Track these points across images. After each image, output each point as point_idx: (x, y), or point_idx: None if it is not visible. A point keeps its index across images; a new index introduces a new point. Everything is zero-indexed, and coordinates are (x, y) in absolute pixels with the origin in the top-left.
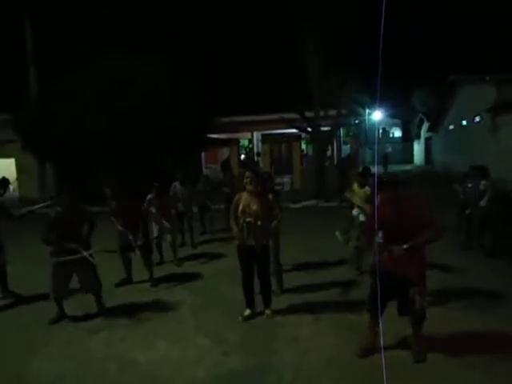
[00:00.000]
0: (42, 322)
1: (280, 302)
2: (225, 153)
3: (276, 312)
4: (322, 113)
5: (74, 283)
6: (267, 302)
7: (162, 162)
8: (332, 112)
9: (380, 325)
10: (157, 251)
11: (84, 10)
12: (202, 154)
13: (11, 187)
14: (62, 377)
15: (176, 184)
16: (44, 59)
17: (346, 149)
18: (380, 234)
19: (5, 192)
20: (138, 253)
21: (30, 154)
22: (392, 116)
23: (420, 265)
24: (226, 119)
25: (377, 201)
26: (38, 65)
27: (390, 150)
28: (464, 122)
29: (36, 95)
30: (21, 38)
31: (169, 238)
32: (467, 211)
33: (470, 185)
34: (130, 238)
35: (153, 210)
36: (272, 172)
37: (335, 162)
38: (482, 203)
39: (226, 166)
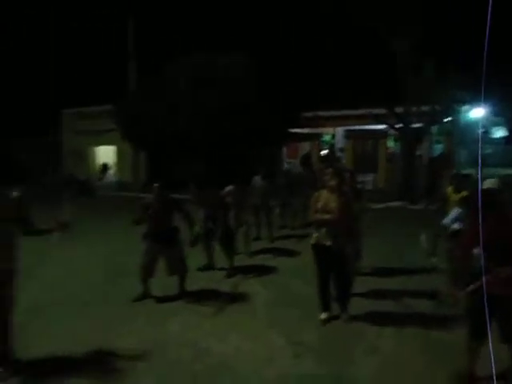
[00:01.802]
0: (128, 298)
1: (359, 308)
2: (306, 148)
3: (355, 319)
4: (413, 108)
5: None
6: (344, 306)
7: (244, 156)
8: (425, 108)
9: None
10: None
11: (177, 10)
12: (283, 149)
13: (110, 172)
14: (141, 355)
15: (257, 178)
16: (142, 55)
17: (438, 148)
18: (479, 251)
19: (105, 176)
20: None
21: (127, 142)
22: (495, 114)
23: None
24: (309, 114)
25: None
26: (137, 58)
27: (490, 150)
28: None
29: (135, 88)
30: (122, 35)
31: (244, 228)
32: None
33: None
34: (211, 225)
35: (230, 200)
36: (354, 169)
37: (425, 162)
38: None
39: (305, 161)
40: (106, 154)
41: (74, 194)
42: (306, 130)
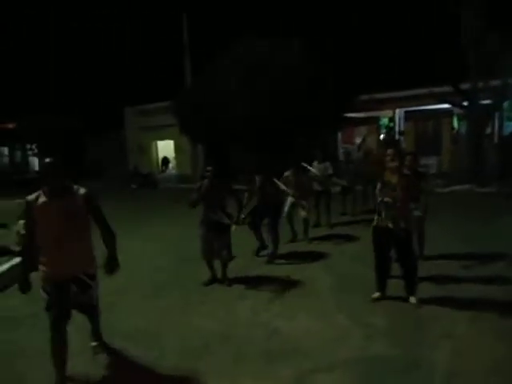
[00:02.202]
0: (199, 282)
1: (428, 292)
2: (362, 132)
3: (423, 303)
4: (480, 84)
5: None
6: (411, 289)
7: (300, 142)
8: (494, 82)
9: None
10: (289, 226)
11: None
12: (339, 134)
13: (170, 165)
14: (214, 336)
15: (314, 163)
16: (196, 48)
17: (511, 126)
18: None
19: (166, 169)
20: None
21: (185, 136)
22: None
23: None
24: (364, 97)
25: None
26: (192, 53)
27: None
28: None
29: (190, 84)
30: (176, 30)
31: (303, 213)
32: None
33: None
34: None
35: (289, 187)
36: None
37: (496, 141)
38: None
39: (363, 146)
40: (166, 148)
41: (138, 186)
42: (362, 114)
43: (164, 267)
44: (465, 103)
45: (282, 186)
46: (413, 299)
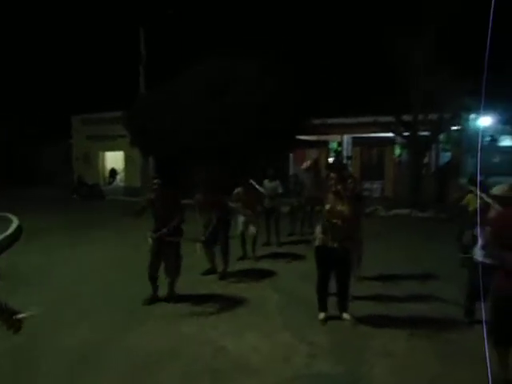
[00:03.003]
0: (141, 300)
1: (367, 311)
2: (313, 155)
3: (364, 321)
4: (420, 117)
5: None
6: (345, 307)
7: (252, 161)
8: (432, 116)
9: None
10: (240, 245)
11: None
12: (291, 155)
13: (118, 177)
14: (158, 355)
15: (265, 181)
16: (153, 60)
17: (446, 156)
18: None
19: (113, 181)
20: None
21: (136, 148)
22: (504, 122)
23: None
24: (316, 121)
25: (493, 211)
26: (148, 65)
27: (497, 159)
28: None
29: (145, 95)
30: (133, 41)
31: (252, 230)
32: None
33: None
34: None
35: (239, 204)
36: (361, 177)
37: (433, 170)
38: None
39: (313, 168)
40: (114, 159)
41: (82, 198)
42: (313, 137)
43: (107, 282)
44: (406, 133)
45: (235, 204)
46: (346, 315)
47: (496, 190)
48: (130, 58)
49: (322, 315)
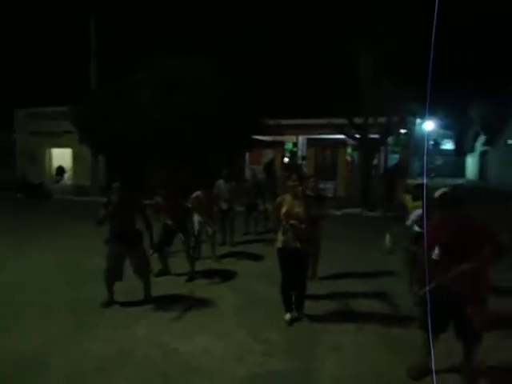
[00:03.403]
0: (93, 304)
1: (321, 308)
2: (269, 155)
3: (317, 318)
4: (371, 120)
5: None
6: (301, 305)
7: (208, 160)
8: (382, 119)
9: (433, 345)
10: (196, 246)
11: (142, 10)
12: (246, 155)
13: (66, 175)
14: (109, 359)
15: (220, 182)
16: (105, 56)
17: (394, 158)
18: (437, 251)
19: (61, 179)
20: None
21: (86, 145)
22: (445, 127)
23: (483, 285)
24: (272, 121)
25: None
26: (99, 61)
27: (440, 162)
28: None
29: (96, 90)
30: (84, 34)
31: (210, 231)
32: None
33: None
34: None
35: (197, 205)
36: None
37: (382, 171)
38: None
39: (268, 168)
40: (62, 156)
41: (26, 197)
42: (269, 138)
43: (54, 288)
44: (357, 136)
45: (194, 205)
46: (301, 315)
47: (438, 195)
48: (81, 49)
49: (287, 316)
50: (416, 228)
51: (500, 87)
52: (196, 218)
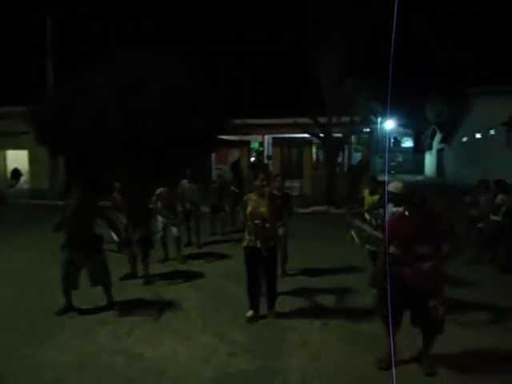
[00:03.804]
0: (51, 312)
1: (289, 305)
2: (235, 154)
3: (284, 315)
4: (334, 119)
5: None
6: (272, 304)
7: (172, 160)
8: (345, 119)
9: (393, 336)
10: (161, 247)
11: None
12: (213, 155)
13: (22, 179)
14: (69, 367)
15: (184, 182)
16: (63, 55)
17: (358, 156)
18: (395, 246)
19: (17, 182)
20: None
21: (43, 146)
22: (404, 126)
23: (440, 277)
24: (238, 121)
25: (389, 210)
26: (57, 60)
27: (400, 159)
28: (478, 135)
29: (53, 90)
30: (41, 32)
31: (174, 231)
32: (480, 225)
33: (483, 198)
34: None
35: (159, 204)
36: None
37: (346, 169)
38: (497, 217)
39: (235, 167)
40: (17, 158)
41: None
42: (235, 137)
43: (9, 296)
44: (321, 135)
45: (155, 204)
46: (272, 312)
47: (392, 188)
48: (38, 48)
49: (250, 312)
50: (374, 222)
51: (454, 87)
52: (159, 219)
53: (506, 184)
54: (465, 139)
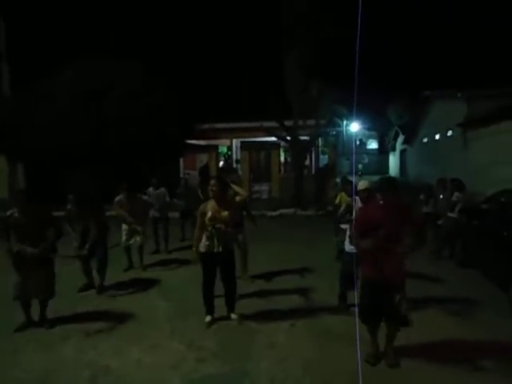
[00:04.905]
0: (10, 328)
1: (256, 308)
2: (203, 159)
3: (252, 318)
4: (300, 122)
5: None
6: (232, 307)
7: (138, 167)
8: (311, 122)
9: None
10: (125, 256)
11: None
12: (181, 160)
13: None
14: (33, 383)
15: (150, 189)
16: (20, 61)
17: (324, 159)
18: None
19: None
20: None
21: (1, 154)
22: (369, 128)
23: (403, 272)
24: (205, 125)
25: (356, 205)
26: (14, 66)
27: (366, 160)
28: (437, 136)
29: (9, 96)
30: None
31: (138, 240)
32: (439, 222)
33: (441, 196)
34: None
35: (123, 212)
36: (250, 179)
37: (313, 172)
38: (453, 214)
39: (204, 172)
40: None
41: None
42: (203, 142)
43: None
44: (288, 138)
45: (121, 212)
46: (234, 316)
47: (361, 186)
48: None
49: (208, 318)
50: (343, 226)
51: (413, 90)
52: (123, 226)
53: (460, 182)
54: (425, 140)
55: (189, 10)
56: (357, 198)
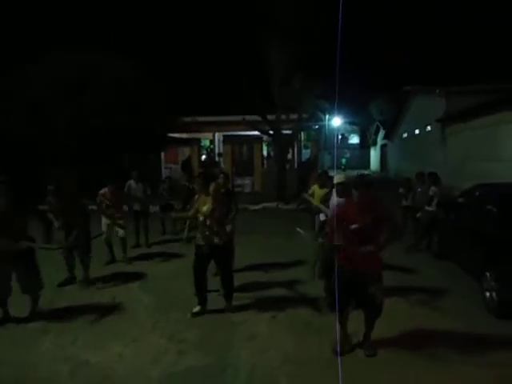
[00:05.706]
0: None
1: (237, 300)
2: (185, 153)
3: (233, 310)
4: (283, 116)
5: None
6: (230, 296)
7: (119, 160)
8: (293, 116)
9: (344, 322)
10: (107, 249)
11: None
12: (162, 154)
13: None
14: (9, 382)
15: (130, 182)
16: None
17: (307, 153)
18: (340, 234)
19: None
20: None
21: None
22: (351, 123)
23: (379, 263)
24: (187, 119)
25: (335, 200)
26: None
27: (348, 155)
28: (417, 131)
29: None
30: None
31: (120, 233)
32: (417, 215)
33: (419, 189)
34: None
35: (104, 204)
36: (233, 173)
37: (296, 165)
38: (431, 208)
39: (186, 165)
40: None
41: None
42: (185, 135)
43: None
44: (271, 131)
45: (102, 204)
46: (229, 306)
47: (338, 179)
48: None
49: (196, 308)
50: (321, 217)
51: (394, 86)
52: (104, 220)
53: (437, 176)
54: (405, 135)
55: (171, 3)
56: (333, 190)
